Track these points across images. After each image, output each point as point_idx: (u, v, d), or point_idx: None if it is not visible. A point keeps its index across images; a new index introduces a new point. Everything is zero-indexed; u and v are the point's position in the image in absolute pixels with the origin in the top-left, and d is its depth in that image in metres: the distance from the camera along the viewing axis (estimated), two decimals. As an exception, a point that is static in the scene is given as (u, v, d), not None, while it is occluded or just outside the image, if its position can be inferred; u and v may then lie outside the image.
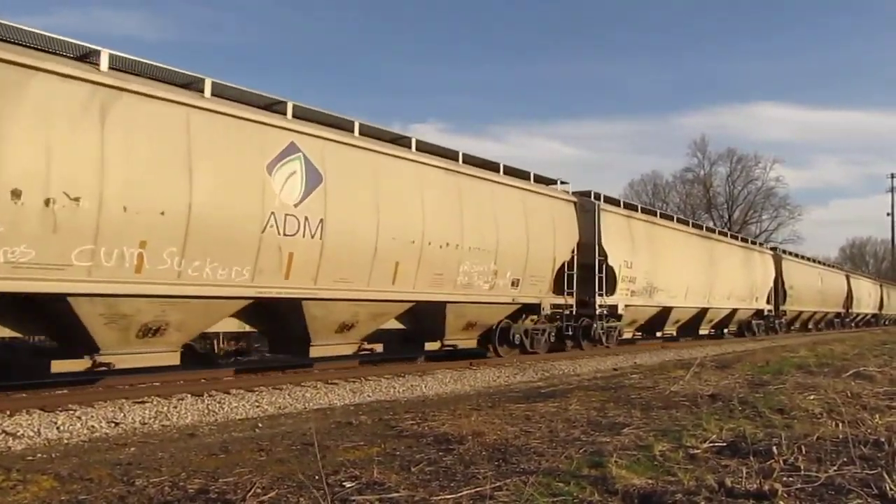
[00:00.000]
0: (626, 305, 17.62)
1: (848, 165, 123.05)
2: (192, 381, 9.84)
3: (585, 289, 15.99)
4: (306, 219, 9.63)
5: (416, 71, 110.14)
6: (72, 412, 7.47)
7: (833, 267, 43.16)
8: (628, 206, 19.20)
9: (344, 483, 3.92)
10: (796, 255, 34.25)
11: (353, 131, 10.78)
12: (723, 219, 61.64)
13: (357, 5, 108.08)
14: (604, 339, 17.34)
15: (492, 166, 13.90)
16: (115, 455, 5.29)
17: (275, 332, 10.63)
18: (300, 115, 10.12)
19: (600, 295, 16.33)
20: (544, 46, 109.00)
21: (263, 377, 10.59)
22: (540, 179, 15.36)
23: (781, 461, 4.26)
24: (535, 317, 15.00)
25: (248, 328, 10.11)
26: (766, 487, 3.62)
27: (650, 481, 3.85)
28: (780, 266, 29.26)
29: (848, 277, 41.73)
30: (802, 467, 4.14)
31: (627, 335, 19.42)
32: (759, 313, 27.31)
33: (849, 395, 7.25)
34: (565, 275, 15.31)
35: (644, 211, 20.21)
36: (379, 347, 11.53)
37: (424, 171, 11.92)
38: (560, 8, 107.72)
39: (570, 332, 16.22)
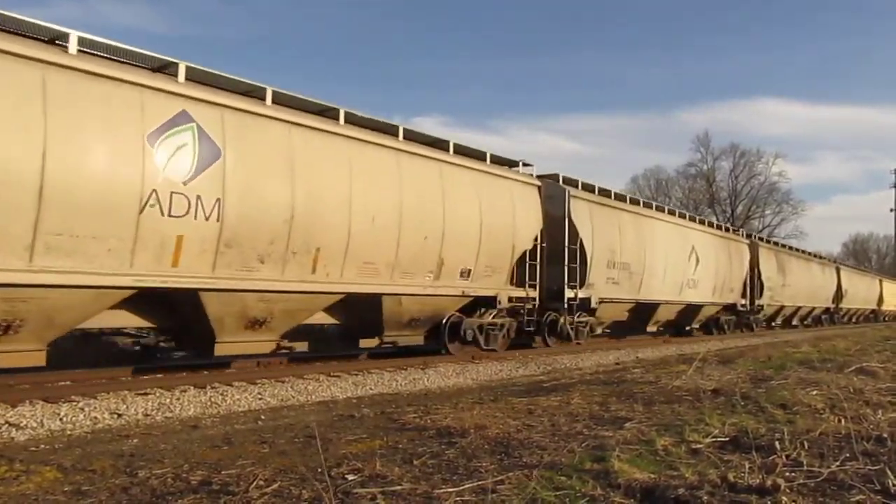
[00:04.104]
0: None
1: (849, 161, 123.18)
2: (194, 373, 9.87)
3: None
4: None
5: (417, 65, 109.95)
6: (75, 403, 7.49)
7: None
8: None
9: (346, 476, 3.92)
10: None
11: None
12: (725, 214, 61.60)
13: (359, 0, 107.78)
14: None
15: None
16: (117, 446, 5.30)
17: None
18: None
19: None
20: (546, 41, 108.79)
21: (266, 369, 10.62)
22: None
23: (784, 456, 4.25)
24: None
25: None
26: (769, 482, 3.61)
27: (652, 476, 3.85)
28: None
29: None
30: (805, 463, 4.12)
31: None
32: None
33: (851, 390, 7.22)
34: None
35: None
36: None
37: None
38: (562, 2, 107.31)
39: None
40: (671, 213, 22.11)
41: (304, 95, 10.59)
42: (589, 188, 17.65)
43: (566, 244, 15.64)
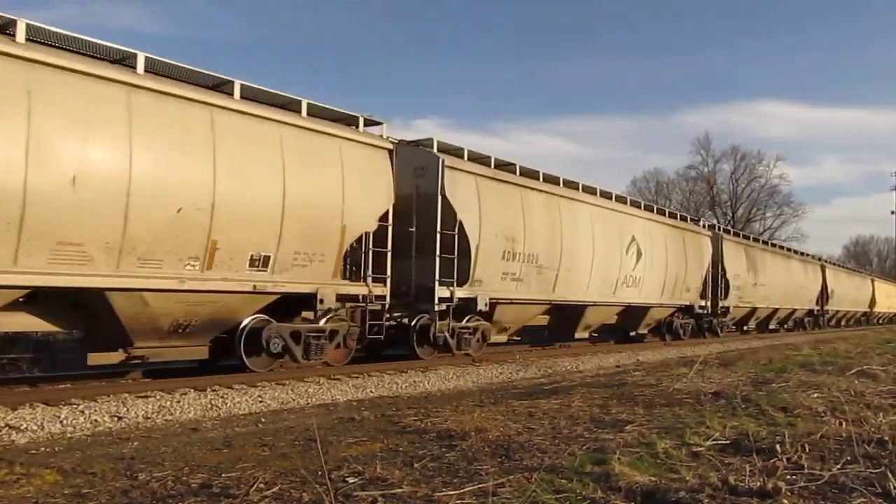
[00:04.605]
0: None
1: (850, 163, 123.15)
2: (195, 376, 9.86)
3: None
4: None
5: (417, 68, 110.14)
6: (75, 406, 7.48)
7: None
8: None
9: (347, 478, 3.92)
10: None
11: None
12: (726, 216, 61.61)
13: (358, 2, 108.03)
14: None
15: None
16: (118, 449, 5.30)
17: None
18: None
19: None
20: (546, 43, 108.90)
21: (266, 372, 10.60)
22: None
23: (785, 459, 4.25)
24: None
25: None
26: (770, 486, 3.60)
27: (653, 479, 3.85)
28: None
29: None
30: (806, 466, 4.12)
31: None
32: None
33: (852, 393, 7.22)
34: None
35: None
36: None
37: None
38: (562, 5, 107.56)
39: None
40: (605, 195, 17.97)
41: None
42: (480, 160, 14.00)
43: (438, 229, 12.28)
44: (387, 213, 11.67)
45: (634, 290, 18.48)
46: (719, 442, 4.84)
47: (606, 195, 17.96)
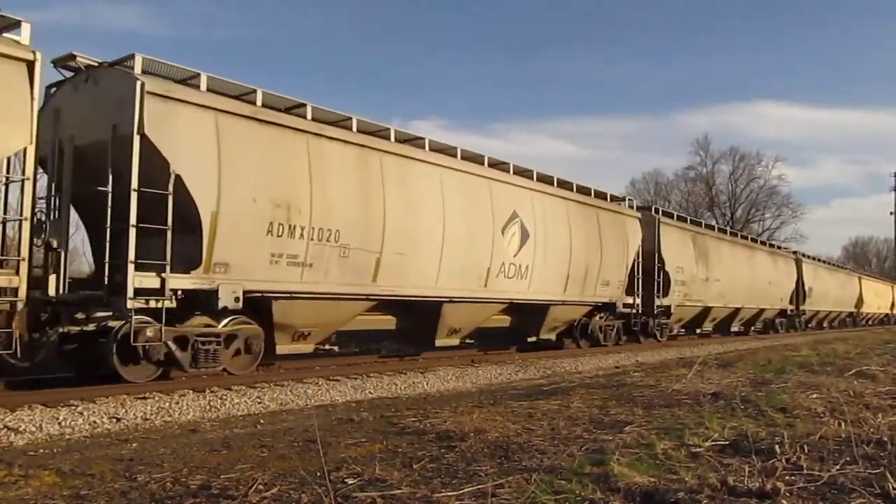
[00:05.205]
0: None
1: (849, 164, 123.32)
2: (193, 377, 9.85)
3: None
4: None
5: (416, 68, 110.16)
6: (73, 407, 7.48)
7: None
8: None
9: (346, 479, 3.92)
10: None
11: None
12: (725, 217, 61.65)
13: (358, 3, 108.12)
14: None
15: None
16: (116, 450, 5.30)
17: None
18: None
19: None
20: (546, 44, 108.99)
21: (265, 373, 10.60)
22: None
23: (784, 460, 4.25)
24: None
25: None
26: (769, 486, 3.61)
27: (652, 479, 3.85)
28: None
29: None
30: (805, 466, 4.12)
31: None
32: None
33: (851, 394, 7.23)
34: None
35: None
36: None
37: None
38: (562, 5, 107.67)
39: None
40: (470, 157, 13.58)
41: None
42: (242, 96, 9.95)
43: (134, 185, 8.33)
44: (20, 158, 7.79)
45: (521, 283, 14.35)
46: (718, 443, 4.84)
47: (473, 158, 13.66)
